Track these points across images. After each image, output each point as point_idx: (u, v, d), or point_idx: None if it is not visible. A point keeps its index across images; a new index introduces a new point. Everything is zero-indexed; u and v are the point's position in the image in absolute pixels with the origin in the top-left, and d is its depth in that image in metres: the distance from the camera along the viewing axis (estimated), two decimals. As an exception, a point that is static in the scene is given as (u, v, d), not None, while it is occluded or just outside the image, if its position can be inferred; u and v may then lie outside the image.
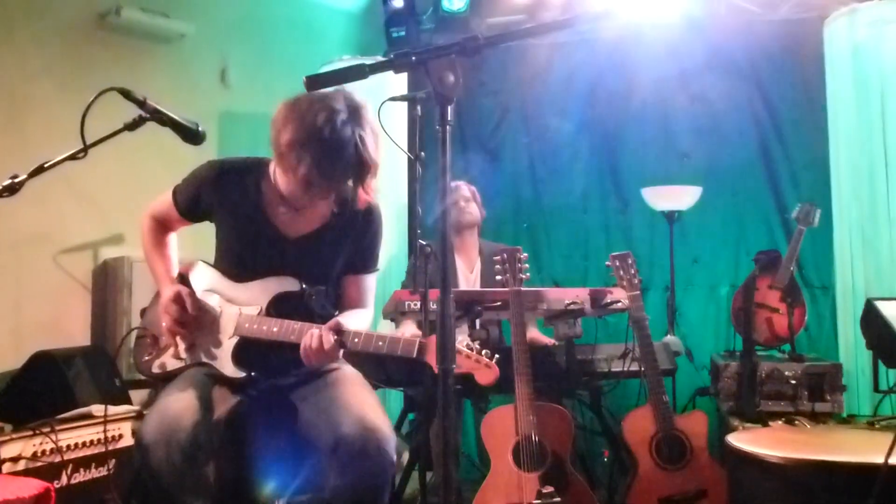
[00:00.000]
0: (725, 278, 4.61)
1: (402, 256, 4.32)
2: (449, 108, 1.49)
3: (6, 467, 2.55)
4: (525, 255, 3.00)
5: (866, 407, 3.48)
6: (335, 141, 1.98)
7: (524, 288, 2.97)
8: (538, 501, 2.63)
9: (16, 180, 1.84)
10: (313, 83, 1.56)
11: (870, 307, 3.05)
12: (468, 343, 2.01)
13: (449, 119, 1.49)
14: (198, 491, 1.97)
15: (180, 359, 2.24)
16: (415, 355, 1.99)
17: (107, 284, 3.74)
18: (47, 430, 2.69)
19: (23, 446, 2.62)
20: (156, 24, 4.02)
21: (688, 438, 2.89)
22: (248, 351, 2.18)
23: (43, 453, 2.67)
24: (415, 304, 3.04)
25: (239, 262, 2.28)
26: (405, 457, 3.18)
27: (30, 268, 3.54)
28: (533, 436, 2.75)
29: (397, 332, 3.23)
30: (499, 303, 3.02)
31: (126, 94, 1.94)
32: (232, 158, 2.32)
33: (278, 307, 2.19)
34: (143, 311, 2.47)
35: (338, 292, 2.35)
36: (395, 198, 4.32)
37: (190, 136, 2.03)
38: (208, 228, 2.34)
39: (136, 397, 3.35)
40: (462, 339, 2.18)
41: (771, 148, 4.63)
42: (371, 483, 1.98)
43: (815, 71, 4.11)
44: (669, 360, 3.33)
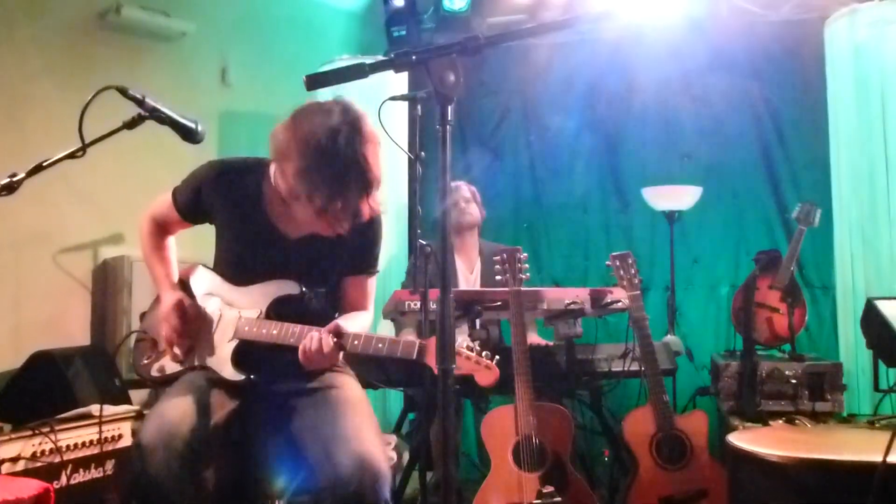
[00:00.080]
0: (726, 278, 4.61)
1: (402, 256, 4.31)
2: (449, 108, 1.49)
3: (5, 467, 2.54)
4: (525, 255, 3.00)
5: (867, 406, 3.48)
6: (340, 166, 1.94)
7: (524, 288, 2.97)
8: (538, 501, 2.63)
9: (14, 179, 1.82)
10: (313, 82, 1.56)
11: (870, 307, 3.06)
12: (468, 344, 2.00)
13: (449, 119, 1.49)
14: (197, 496, 1.96)
15: (179, 362, 2.23)
16: (415, 357, 1.98)
17: (107, 284, 3.73)
18: (47, 430, 2.68)
19: (22, 446, 2.62)
20: (156, 22, 4.01)
21: (688, 438, 2.89)
22: (248, 354, 2.17)
23: (42, 453, 2.67)
24: (415, 304, 3.04)
25: (239, 263, 2.27)
26: (405, 457, 3.18)
27: (29, 267, 3.53)
28: (533, 436, 2.75)
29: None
30: (499, 303, 3.02)
31: (124, 93, 1.92)
32: (232, 158, 2.31)
33: (278, 310, 2.18)
34: (142, 315, 2.46)
35: (338, 294, 2.34)
36: (395, 198, 4.31)
37: (189, 134, 2.02)
38: (208, 230, 2.34)
39: (136, 397, 3.35)
40: (462, 339, 2.17)
41: (771, 148, 4.63)
42: None
43: (815, 71, 4.10)
44: (670, 359, 3.33)
